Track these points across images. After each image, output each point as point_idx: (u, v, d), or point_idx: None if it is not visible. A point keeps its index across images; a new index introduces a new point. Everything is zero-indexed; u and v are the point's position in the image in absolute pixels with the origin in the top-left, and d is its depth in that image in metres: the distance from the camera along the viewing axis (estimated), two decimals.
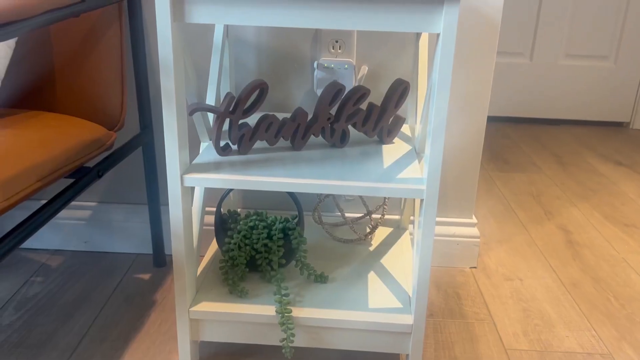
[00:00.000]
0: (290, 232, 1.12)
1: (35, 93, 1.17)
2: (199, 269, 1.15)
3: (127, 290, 1.35)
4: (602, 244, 1.63)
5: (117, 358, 1.12)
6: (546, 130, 2.70)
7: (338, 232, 1.34)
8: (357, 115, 1.09)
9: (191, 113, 0.97)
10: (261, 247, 1.11)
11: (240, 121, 1.03)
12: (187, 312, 1.03)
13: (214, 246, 1.26)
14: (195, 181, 0.95)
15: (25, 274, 1.40)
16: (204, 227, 1.45)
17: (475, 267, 1.49)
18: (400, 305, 1.06)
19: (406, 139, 1.18)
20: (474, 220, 1.47)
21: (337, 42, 1.30)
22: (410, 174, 0.98)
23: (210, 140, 1.10)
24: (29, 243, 1.51)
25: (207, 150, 1.07)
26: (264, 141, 1.07)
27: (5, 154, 0.88)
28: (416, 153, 1.09)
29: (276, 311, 1.02)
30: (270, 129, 1.05)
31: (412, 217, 1.44)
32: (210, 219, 1.45)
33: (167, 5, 0.85)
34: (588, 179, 2.12)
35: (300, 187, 0.94)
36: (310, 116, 1.08)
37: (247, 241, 1.11)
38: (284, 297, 1.04)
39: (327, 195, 1.24)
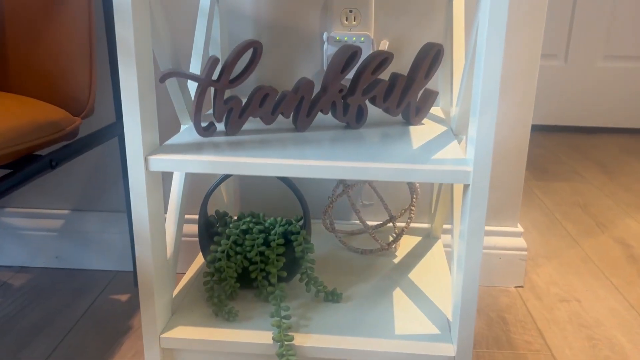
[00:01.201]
0: (293, 238, 0.88)
1: None
2: (178, 287, 0.92)
3: (99, 313, 1.11)
4: None
5: None
6: (584, 139, 2.44)
7: (354, 241, 1.10)
8: (377, 87, 0.86)
9: (162, 79, 0.75)
10: (256, 256, 0.87)
11: (228, 94, 0.81)
12: (158, 339, 0.79)
13: (199, 261, 1.02)
14: (164, 164, 0.72)
15: None
16: (187, 239, 1.22)
17: (521, 287, 1.23)
18: (437, 332, 0.81)
19: (439, 121, 0.94)
20: (520, 229, 1.22)
21: (351, 12, 1.07)
22: (450, 155, 0.75)
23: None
24: None
25: (185, 133, 0.85)
26: (258, 119, 0.84)
27: None
28: (454, 136, 0.86)
29: (273, 339, 0.77)
30: (265, 103, 0.82)
31: (445, 226, 1.19)
32: (189, 228, 1.22)
33: None
34: None
35: (305, 171, 0.71)
36: (318, 89, 0.85)
37: (238, 249, 0.87)
38: (284, 321, 0.80)
39: (341, 194, 1.01)
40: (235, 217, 0.93)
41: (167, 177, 1.15)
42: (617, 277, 1.27)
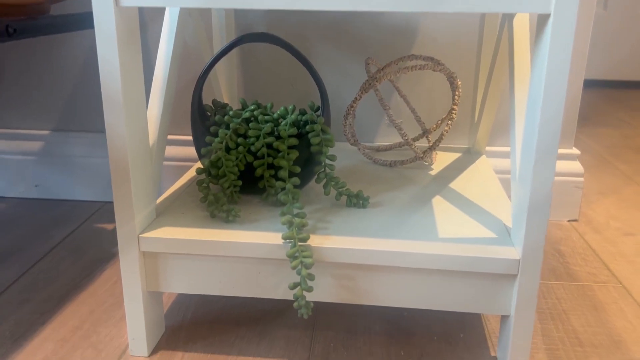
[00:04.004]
0: (309, 127, 0.71)
1: None
2: (165, 194, 0.75)
3: (80, 241, 0.94)
4: None
5: (40, 325, 0.71)
6: (627, 94, 2.23)
7: (380, 156, 0.93)
8: None
9: None
10: (262, 148, 0.69)
11: None
12: (137, 240, 0.62)
13: (190, 174, 0.85)
14: None
15: None
16: (173, 163, 1.04)
17: (575, 220, 1.05)
18: (493, 235, 0.63)
19: None
20: (575, 151, 1.03)
21: None
22: None
23: None
24: None
25: None
26: None
27: None
28: None
29: (284, 237, 0.60)
30: None
31: (488, 148, 1.01)
32: (177, 151, 1.05)
33: None
34: None
35: (339, 1, 0.53)
36: None
37: (240, 140, 0.70)
38: (296, 218, 0.62)
39: (367, 88, 0.82)
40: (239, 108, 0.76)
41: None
42: None
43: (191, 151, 1.05)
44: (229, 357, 0.65)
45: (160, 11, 0.99)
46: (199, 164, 0.87)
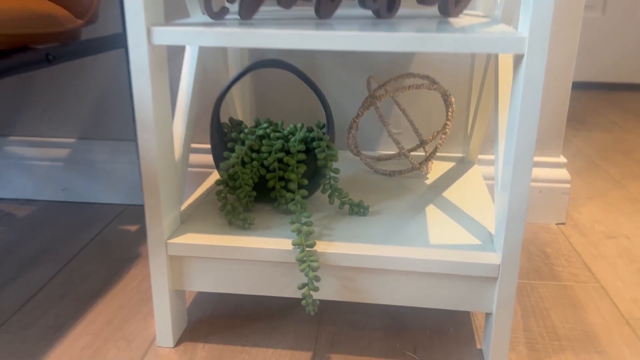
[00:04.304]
0: (315, 144, 0.79)
1: None
2: (187, 202, 0.83)
3: (107, 242, 1.03)
4: None
5: (76, 319, 0.80)
6: (624, 95, 2.30)
7: (381, 166, 1.01)
8: None
9: None
10: (274, 162, 0.78)
11: None
12: (165, 245, 0.70)
13: (210, 181, 0.94)
14: (170, 36, 0.63)
15: None
16: (196, 169, 1.13)
17: (563, 224, 1.13)
18: (478, 242, 0.71)
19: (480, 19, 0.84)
20: (562, 159, 1.11)
21: None
22: (502, 29, 0.65)
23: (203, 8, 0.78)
24: None
25: (194, 19, 0.75)
26: (275, 5, 0.74)
27: None
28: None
29: (293, 243, 0.68)
30: None
31: (480, 156, 1.09)
32: (197, 159, 1.13)
33: None
34: None
35: (345, 42, 0.61)
36: None
37: (254, 155, 0.78)
38: (305, 227, 0.71)
39: (368, 106, 0.90)
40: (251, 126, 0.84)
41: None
42: None
43: (210, 158, 1.14)
44: (244, 348, 0.74)
45: (182, 47, 1.07)
46: (216, 173, 0.95)
